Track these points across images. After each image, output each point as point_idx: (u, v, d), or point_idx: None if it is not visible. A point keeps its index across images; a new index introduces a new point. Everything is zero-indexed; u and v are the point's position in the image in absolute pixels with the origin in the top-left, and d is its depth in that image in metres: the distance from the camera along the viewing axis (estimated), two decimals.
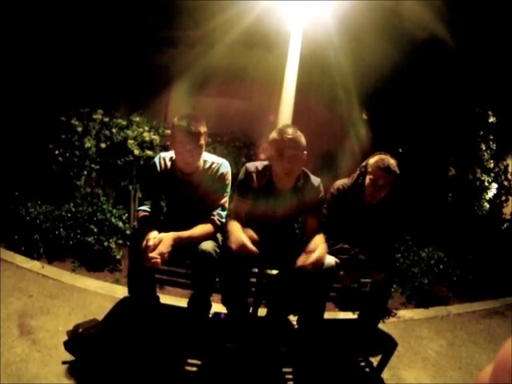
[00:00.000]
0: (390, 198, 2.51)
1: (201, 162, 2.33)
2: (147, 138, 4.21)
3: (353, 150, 5.84)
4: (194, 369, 2.35)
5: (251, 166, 2.37)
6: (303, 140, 2.23)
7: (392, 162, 2.42)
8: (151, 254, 1.93)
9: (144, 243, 1.98)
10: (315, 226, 2.37)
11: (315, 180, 2.39)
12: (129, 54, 6.02)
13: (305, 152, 2.24)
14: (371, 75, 5.27)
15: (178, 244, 2.05)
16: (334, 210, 2.53)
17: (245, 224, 2.32)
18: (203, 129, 2.19)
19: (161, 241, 1.99)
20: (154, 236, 2.02)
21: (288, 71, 4.13)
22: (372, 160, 2.46)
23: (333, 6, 4.16)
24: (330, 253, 2.37)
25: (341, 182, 2.60)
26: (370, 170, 2.44)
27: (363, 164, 2.53)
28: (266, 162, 2.40)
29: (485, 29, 5.60)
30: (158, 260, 1.93)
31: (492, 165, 6.53)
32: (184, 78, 6.32)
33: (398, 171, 2.42)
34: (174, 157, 2.30)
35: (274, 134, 2.25)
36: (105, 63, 5.80)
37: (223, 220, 2.33)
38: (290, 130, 2.20)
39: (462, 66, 5.83)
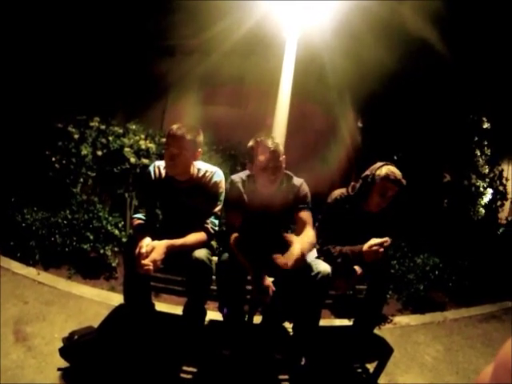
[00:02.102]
0: (387, 206, 2.53)
1: (194, 171, 2.34)
2: (143, 146, 4.22)
3: (347, 157, 5.87)
4: (190, 376, 2.35)
5: (236, 177, 2.41)
6: (281, 148, 2.28)
7: (399, 172, 2.45)
8: (144, 262, 1.94)
9: (137, 250, 1.99)
10: (304, 219, 2.38)
11: (297, 180, 2.44)
12: (126, 62, 6.05)
13: (283, 157, 2.29)
14: (366, 82, 5.31)
15: (170, 252, 2.05)
16: (330, 220, 2.55)
17: (243, 232, 2.35)
18: (190, 136, 2.19)
19: (154, 248, 2.00)
20: (146, 243, 2.02)
21: (283, 78, 4.16)
22: (380, 172, 2.45)
23: (328, 14, 4.19)
24: (326, 260, 2.39)
25: (338, 192, 2.62)
26: (378, 181, 2.43)
27: (367, 174, 2.53)
28: (247, 172, 2.43)
29: (480, 36, 5.65)
30: (151, 267, 1.94)
31: (487, 170, 6.56)
32: (181, 86, 6.35)
33: (405, 182, 2.45)
34: None
35: (255, 148, 2.26)
36: (102, 71, 5.82)
37: (216, 228, 2.34)
38: (269, 142, 2.22)
39: (457, 72, 5.88)
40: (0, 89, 4.83)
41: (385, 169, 2.46)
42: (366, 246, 2.36)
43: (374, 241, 2.35)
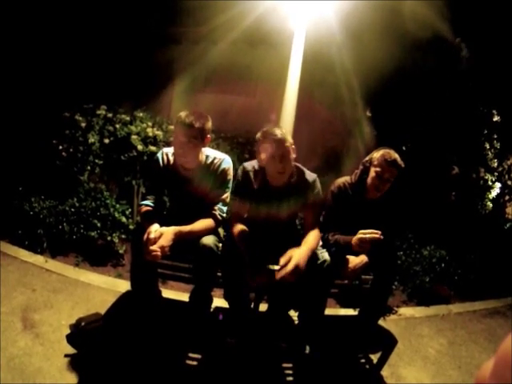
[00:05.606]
0: (390, 193, 2.53)
1: (203, 158, 2.34)
2: (150, 134, 4.22)
3: (356, 148, 5.84)
4: (195, 363, 2.37)
5: (248, 165, 2.37)
6: (289, 137, 2.25)
7: (396, 155, 2.46)
8: (152, 247, 1.93)
9: (145, 236, 1.98)
10: (311, 222, 2.36)
11: (310, 176, 2.37)
12: (133, 50, 6.04)
13: (292, 147, 2.26)
14: (374, 73, 5.26)
15: (178, 238, 2.05)
16: (335, 208, 2.54)
17: (246, 223, 2.34)
18: (198, 124, 2.16)
19: (162, 234, 1.99)
20: (155, 229, 2.02)
21: (291, 69, 4.13)
22: (377, 154, 2.48)
23: (336, 5, 4.15)
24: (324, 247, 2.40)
25: (342, 180, 2.62)
26: (375, 162, 2.45)
27: (366, 159, 2.55)
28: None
29: (488, 27, 5.57)
30: (159, 253, 1.93)
31: (496, 164, 6.50)
32: (188, 74, 6.33)
33: (403, 165, 2.45)
34: None
35: (262, 138, 2.25)
36: (109, 59, 5.81)
37: (224, 215, 2.33)
38: (276, 131, 2.21)
39: (466, 64, 5.80)
40: (7, 79, 4.84)
41: (381, 151, 2.49)
42: (354, 239, 2.32)
43: (363, 234, 2.29)
